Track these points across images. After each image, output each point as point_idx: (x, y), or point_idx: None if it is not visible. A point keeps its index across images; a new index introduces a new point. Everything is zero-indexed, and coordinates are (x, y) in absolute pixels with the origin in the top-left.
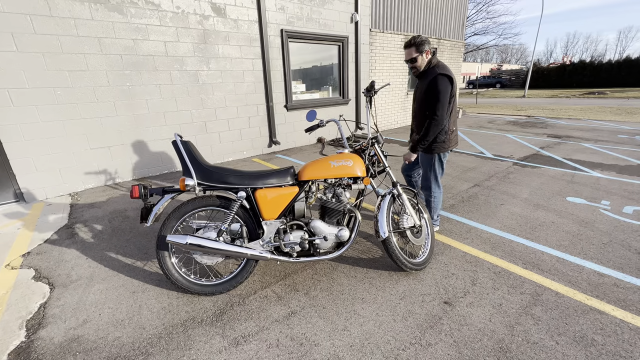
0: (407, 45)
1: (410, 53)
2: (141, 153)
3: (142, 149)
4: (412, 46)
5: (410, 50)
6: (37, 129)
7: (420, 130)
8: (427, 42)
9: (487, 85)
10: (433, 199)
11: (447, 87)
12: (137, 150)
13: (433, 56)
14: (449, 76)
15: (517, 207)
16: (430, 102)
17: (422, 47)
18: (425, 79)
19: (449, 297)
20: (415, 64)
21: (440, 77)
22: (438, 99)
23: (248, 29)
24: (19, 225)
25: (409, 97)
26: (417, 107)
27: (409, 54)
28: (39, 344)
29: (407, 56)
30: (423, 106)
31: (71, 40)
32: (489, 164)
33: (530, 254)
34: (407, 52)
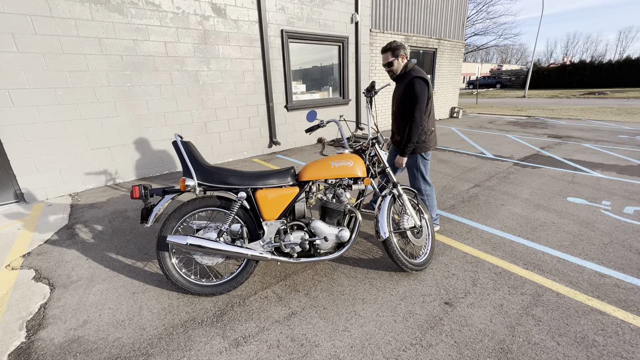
0: (384, 50)
1: (387, 57)
2: (142, 153)
3: (143, 149)
4: (388, 51)
5: (386, 55)
6: (38, 129)
7: (401, 132)
8: (402, 47)
9: (487, 86)
10: (426, 197)
11: (424, 89)
12: (137, 151)
13: (409, 61)
14: (424, 79)
15: (517, 207)
16: (409, 105)
17: (397, 51)
18: (402, 82)
19: (450, 297)
20: (391, 68)
21: (416, 80)
22: (416, 101)
23: (248, 30)
24: (19, 226)
25: None
26: (396, 110)
27: (386, 58)
28: (40, 344)
29: (384, 60)
30: (402, 109)
31: (72, 40)
32: (490, 164)
33: (531, 254)
34: (383, 56)
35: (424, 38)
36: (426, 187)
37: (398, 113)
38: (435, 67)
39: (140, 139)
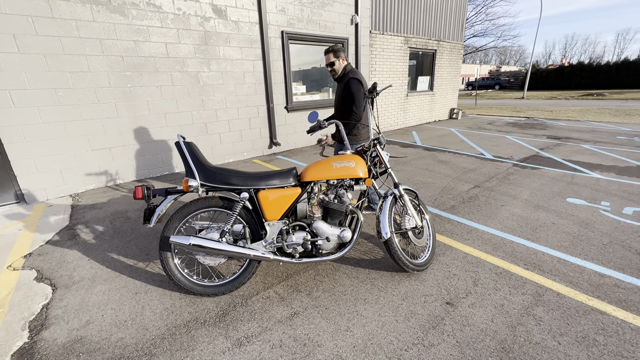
0: (326, 52)
1: (330, 58)
2: (142, 154)
3: (143, 150)
4: (330, 52)
5: (329, 56)
6: (38, 130)
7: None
8: (342, 49)
9: (486, 87)
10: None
11: (360, 89)
12: (138, 152)
13: (348, 63)
14: (360, 80)
15: (517, 208)
16: (348, 103)
17: (338, 53)
18: (342, 82)
19: (451, 297)
20: (334, 67)
21: (352, 80)
22: (354, 100)
23: (249, 31)
24: (20, 227)
25: (408, 99)
26: (337, 107)
27: (329, 59)
28: (42, 345)
29: (327, 61)
30: (342, 107)
31: (73, 41)
32: (489, 165)
33: (532, 254)
34: (326, 57)
35: (424, 39)
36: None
37: (340, 110)
38: (434, 69)
39: (140, 140)
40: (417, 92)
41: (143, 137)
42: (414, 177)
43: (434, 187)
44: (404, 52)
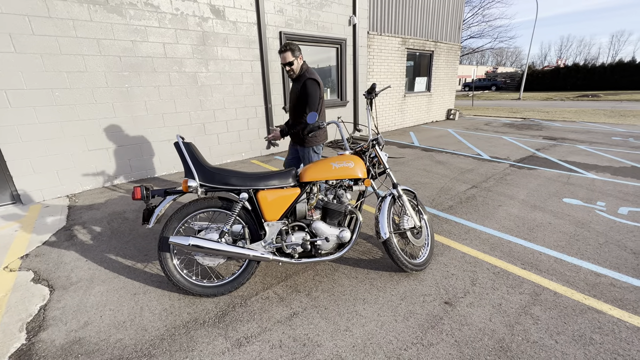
0: (283, 50)
1: (288, 57)
2: (139, 155)
3: (141, 150)
4: (288, 51)
5: (286, 55)
6: (35, 130)
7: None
8: (299, 48)
9: (482, 88)
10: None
11: (317, 89)
12: (135, 152)
13: (304, 63)
14: (317, 80)
15: (514, 208)
16: (304, 103)
17: (296, 52)
18: (299, 82)
19: (450, 297)
20: (292, 67)
21: (310, 81)
22: (308, 100)
23: (247, 31)
24: (17, 227)
25: (406, 100)
26: (292, 107)
27: (286, 58)
28: (40, 346)
29: (284, 60)
30: (298, 106)
31: (70, 41)
32: (486, 165)
33: (529, 254)
34: (283, 56)
35: (421, 40)
36: None
37: (294, 110)
38: (432, 69)
39: (138, 140)
40: (414, 93)
41: (141, 138)
42: (412, 177)
43: (432, 188)
44: (401, 53)
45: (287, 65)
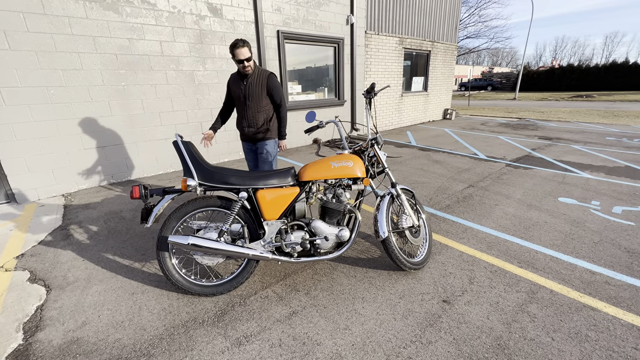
0: (241, 45)
1: (246, 52)
2: (136, 154)
3: (138, 149)
4: (246, 46)
5: (245, 50)
6: (30, 128)
7: (260, 123)
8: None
9: (478, 88)
10: None
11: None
12: (132, 151)
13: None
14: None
15: (511, 207)
16: (276, 96)
17: (251, 48)
18: (257, 77)
19: (448, 295)
20: (249, 63)
21: (273, 75)
22: (280, 92)
23: (245, 30)
24: (12, 227)
25: (403, 99)
26: (252, 103)
27: (245, 54)
28: (38, 346)
29: (243, 55)
30: (260, 101)
31: (65, 38)
32: (483, 165)
33: (525, 253)
34: (242, 51)
35: (418, 40)
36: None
37: (256, 106)
38: (429, 69)
39: (135, 139)
40: (411, 92)
41: (137, 136)
42: (410, 176)
43: (429, 187)
44: (398, 52)
45: (245, 61)
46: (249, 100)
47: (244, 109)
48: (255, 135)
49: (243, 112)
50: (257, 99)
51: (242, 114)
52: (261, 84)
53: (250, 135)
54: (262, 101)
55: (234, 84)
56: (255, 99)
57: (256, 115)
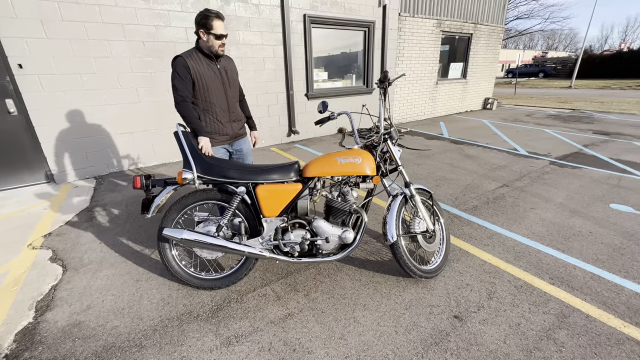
0: (222, 18)
1: (225, 29)
2: (162, 139)
3: (163, 135)
4: (224, 20)
5: (224, 24)
6: (66, 113)
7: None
8: None
9: (528, 75)
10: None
11: None
12: (158, 137)
13: None
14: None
15: (549, 212)
16: (238, 84)
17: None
18: (226, 60)
19: (460, 310)
20: (224, 40)
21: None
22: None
23: (270, 14)
24: (46, 206)
25: (438, 87)
26: (232, 91)
27: (224, 29)
28: (44, 326)
29: (223, 30)
30: (237, 89)
31: (96, 27)
32: (522, 162)
33: (560, 267)
34: (223, 25)
35: (459, 22)
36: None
37: (235, 95)
38: (469, 54)
39: (161, 125)
40: (448, 79)
41: (163, 123)
42: (436, 172)
43: (456, 185)
44: (435, 36)
45: (224, 38)
46: (229, 87)
47: (224, 100)
48: (240, 131)
49: (224, 105)
50: (235, 86)
51: (223, 107)
52: (234, 69)
53: (234, 132)
54: (237, 89)
55: (203, 68)
56: (234, 85)
57: (237, 106)
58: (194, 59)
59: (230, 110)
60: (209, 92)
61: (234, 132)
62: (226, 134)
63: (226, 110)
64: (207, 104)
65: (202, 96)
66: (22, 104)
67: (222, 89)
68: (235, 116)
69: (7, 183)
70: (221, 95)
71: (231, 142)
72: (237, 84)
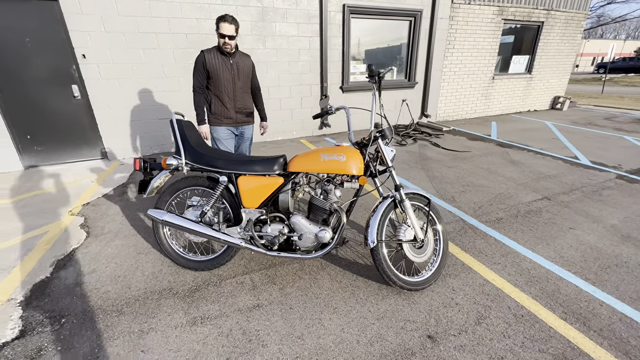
0: (231, 21)
1: (233, 30)
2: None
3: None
4: (234, 23)
5: (233, 27)
6: (119, 99)
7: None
8: None
9: (626, 70)
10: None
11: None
12: (195, 123)
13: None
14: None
15: (593, 235)
16: (256, 79)
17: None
18: (241, 58)
19: (438, 331)
20: (232, 42)
21: (249, 57)
22: (255, 75)
23: (307, 5)
24: (94, 179)
25: (495, 83)
26: (242, 83)
27: (233, 30)
28: (55, 282)
29: (229, 31)
30: (249, 82)
31: (146, 20)
32: (579, 172)
33: (582, 301)
34: (230, 27)
35: (527, 9)
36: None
37: (245, 87)
38: (537, 45)
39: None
40: (507, 74)
41: None
42: (466, 176)
43: (485, 192)
44: (495, 25)
45: (230, 38)
46: (238, 79)
47: (232, 89)
48: (245, 118)
49: (231, 94)
50: (246, 79)
51: (230, 95)
52: (247, 65)
53: (238, 119)
54: (249, 82)
55: (217, 61)
56: (245, 79)
57: (245, 97)
58: (211, 54)
59: (236, 100)
60: (219, 81)
61: (237, 118)
62: (230, 117)
63: (232, 98)
64: (217, 91)
65: (214, 84)
66: (84, 89)
67: (231, 80)
68: (240, 105)
69: (70, 157)
70: (230, 85)
71: (236, 126)
72: (247, 78)
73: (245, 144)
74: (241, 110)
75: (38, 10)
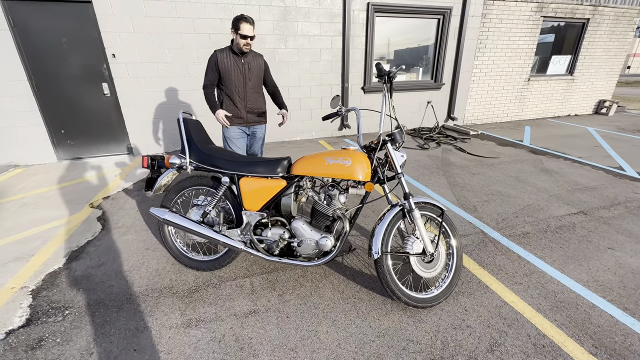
0: (251, 22)
1: (252, 30)
2: (218, 125)
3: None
4: (253, 23)
5: (252, 27)
6: (145, 96)
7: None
8: None
9: None
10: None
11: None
12: (214, 123)
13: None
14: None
15: (636, 257)
16: (271, 78)
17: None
18: (254, 58)
19: (443, 355)
20: (252, 41)
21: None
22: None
23: (331, 4)
24: (118, 173)
25: (530, 85)
26: (252, 83)
27: (252, 31)
28: (66, 273)
29: (250, 32)
30: (261, 81)
31: (171, 21)
32: (624, 185)
33: (618, 334)
34: (249, 28)
35: (570, 5)
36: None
37: (257, 87)
38: (580, 45)
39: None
40: (545, 76)
41: None
42: (492, 185)
43: (512, 203)
44: (533, 23)
45: (250, 39)
46: (249, 79)
47: (243, 89)
48: (256, 117)
49: (242, 93)
50: (258, 79)
51: (241, 95)
52: (259, 65)
53: (249, 118)
54: (261, 82)
55: (228, 61)
56: (257, 78)
57: (256, 97)
58: (223, 54)
59: (247, 99)
60: (230, 81)
61: (247, 118)
62: (241, 117)
63: (243, 98)
64: (229, 90)
65: (226, 84)
66: (114, 87)
67: (242, 80)
68: (251, 105)
69: (98, 151)
70: (241, 85)
71: (247, 125)
72: (259, 78)
73: (258, 143)
74: (252, 110)
75: (74, 12)
